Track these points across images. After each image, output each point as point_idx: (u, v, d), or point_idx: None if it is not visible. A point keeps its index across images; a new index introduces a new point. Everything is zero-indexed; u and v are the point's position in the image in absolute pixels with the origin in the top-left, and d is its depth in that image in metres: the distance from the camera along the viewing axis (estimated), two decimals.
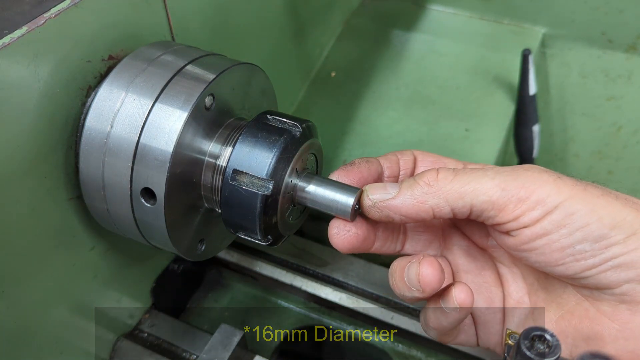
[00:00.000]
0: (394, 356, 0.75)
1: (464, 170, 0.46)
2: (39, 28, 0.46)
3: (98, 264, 0.60)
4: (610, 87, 1.05)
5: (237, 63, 0.53)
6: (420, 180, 0.47)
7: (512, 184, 0.44)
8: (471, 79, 1.03)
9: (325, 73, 1.07)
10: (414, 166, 0.55)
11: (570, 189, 0.43)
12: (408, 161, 0.54)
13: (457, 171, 0.46)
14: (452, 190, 0.45)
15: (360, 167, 0.51)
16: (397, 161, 0.54)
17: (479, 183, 0.45)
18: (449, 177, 0.46)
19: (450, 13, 1.14)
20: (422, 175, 0.47)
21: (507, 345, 0.49)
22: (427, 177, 0.47)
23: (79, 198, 0.54)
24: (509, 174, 0.45)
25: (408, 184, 0.47)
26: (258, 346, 0.76)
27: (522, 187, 0.44)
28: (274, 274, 0.78)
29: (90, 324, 0.63)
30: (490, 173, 0.45)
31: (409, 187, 0.47)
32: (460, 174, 0.46)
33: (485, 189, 0.44)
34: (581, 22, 1.04)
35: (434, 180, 0.46)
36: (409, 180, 0.48)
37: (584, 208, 0.42)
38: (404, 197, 0.47)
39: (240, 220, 0.49)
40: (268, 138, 0.48)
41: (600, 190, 0.44)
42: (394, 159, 0.54)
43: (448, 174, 0.46)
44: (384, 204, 0.47)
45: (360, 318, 0.75)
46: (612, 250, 0.42)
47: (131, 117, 0.49)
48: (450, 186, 0.45)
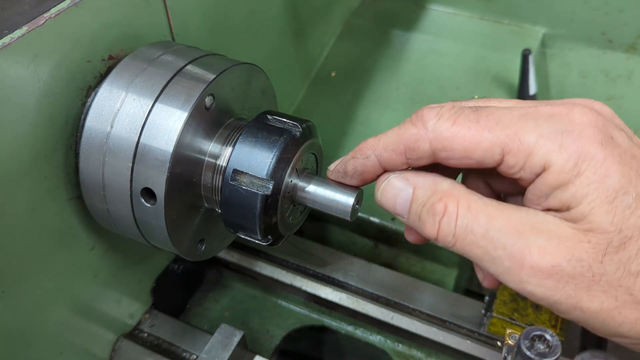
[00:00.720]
0: (394, 356, 0.75)
1: (466, 236, 0.41)
2: (39, 28, 0.46)
3: (98, 264, 0.60)
4: (610, 87, 1.05)
5: (237, 63, 0.53)
6: (423, 230, 0.43)
7: (513, 283, 0.40)
8: (471, 79, 1.03)
9: (325, 73, 1.07)
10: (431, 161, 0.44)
11: (568, 311, 0.40)
12: (422, 160, 0.44)
13: (458, 236, 0.41)
14: (459, 250, 0.42)
15: (351, 180, 0.48)
16: (404, 163, 0.45)
17: (484, 257, 0.40)
18: (448, 244, 0.41)
19: (450, 13, 1.14)
20: (425, 225, 0.42)
21: (507, 345, 0.49)
22: (428, 232, 0.42)
23: (79, 198, 0.54)
24: (506, 272, 0.39)
25: (414, 222, 0.44)
26: (258, 346, 0.76)
27: (518, 290, 0.40)
28: (274, 274, 0.78)
29: (90, 324, 0.63)
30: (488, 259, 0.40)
31: (415, 226, 0.44)
32: (459, 243, 0.41)
33: (489, 266, 0.41)
34: (581, 22, 1.04)
35: (434, 238, 0.42)
36: (414, 218, 0.44)
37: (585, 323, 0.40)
38: (411, 226, 0.45)
39: (240, 220, 0.49)
40: (268, 138, 0.48)
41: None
42: (400, 160, 0.45)
43: (448, 239, 0.41)
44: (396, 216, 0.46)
45: (360, 318, 0.75)
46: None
47: (131, 117, 0.49)
48: (459, 245, 0.41)
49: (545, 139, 0.39)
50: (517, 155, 0.39)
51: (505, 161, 0.40)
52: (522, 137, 0.39)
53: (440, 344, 0.70)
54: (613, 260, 0.37)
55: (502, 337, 0.67)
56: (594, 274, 0.37)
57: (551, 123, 0.39)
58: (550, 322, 0.68)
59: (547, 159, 0.38)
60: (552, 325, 0.68)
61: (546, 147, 0.38)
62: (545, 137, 0.39)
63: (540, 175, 0.39)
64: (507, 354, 0.48)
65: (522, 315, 0.69)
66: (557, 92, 1.09)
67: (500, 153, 0.40)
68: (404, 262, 0.88)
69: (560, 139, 0.38)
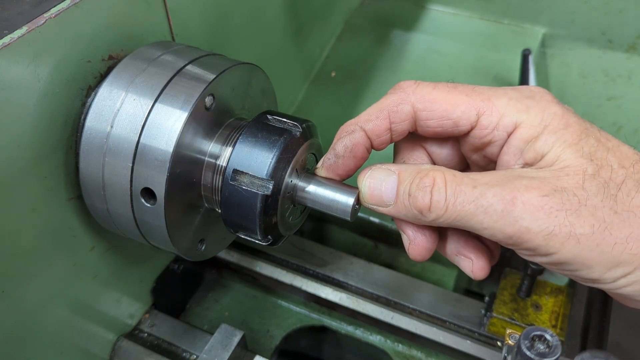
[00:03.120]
0: (394, 356, 0.75)
1: (457, 197, 0.43)
2: (39, 28, 0.46)
3: (98, 264, 0.60)
4: (610, 87, 1.05)
5: (237, 63, 0.53)
6: (413, 205, 0.45)
7: (499, 234, 0.42)
8: (471, 79, 1.03)
9: (326, 73, 1.07)
10: (412, 126, 0.49)
11: (561, 245, 0.41)
12: (404, 124, 0.48)
13: (449, 200, 0.43)
14: (444, 222, 0.44)
15: (345, 160, 0.49)
16: (387, 128, 0.48)
17: (468, 222, 0.43)
18: (440, 212, 0.43)
19: (450, 13, 1.14)
20: (416, 199, 0.44)
21: (507, 345, 0.49)
22: (420, 204, 0.44)
23: (79, 198, 0.54)
24: (499, 219, 0.42)
25: (402, 202, 0.45)
26: (258, 346, 0.76)
27: (510, 239, 0.42)
28: (274, 274, 0.78)
29: (90, 324, 0.63)
30: (481, 212, 0.42)
31: (403, 207, 0.45)
32: (451, 207, 0.43)
33: (475, 229, 0.43)
34: (581, 22, 1.04)
35: (426, 211, 0.44)
36: (404, 196, 0.45)
37: (573, 261, 0.41)
38: (399, 213, 0.46)
39: (240, 220, 0.49)
40: (268, 138, 0.48)
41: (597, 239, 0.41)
42: (385, 125, 0.48)
43: (439, 207, 0.43)
44: (381, 210, 0.47)
45: (360, 318, 0.75)
46: (601, 287, 0.43)
47: (131, 117, 0.49)
48: (441, 220, 0.44)
49: (514, 101, 0.45)
50: (491, 116, 0.45)
51: (480, 122, 0.46)
52: (495, 101, 0.46)
53: (440, 344, 0.70)
54: (592, 184, 0.42)
55: (502, 337, 0.68)
56: (579, 199, 0.41)
57: (517, 92, 0.47)
58: (550, 322, 0.68)
59: (517, 117, 0.45)
60: (552, 325, 0.68)
61: (516, 108, 0.45)
62: (514, 100, 0.45)
63: (512, 133, 0.45)
64: (507, 354, 0.48)
65: (522, 315, 0.69)
66: (557, 92, 1.09)
67: (476, 115, 0.46)
68: (404, 262, 0.89)
69: (526, 102, 0.45)
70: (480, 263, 0.49)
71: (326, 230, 0.92)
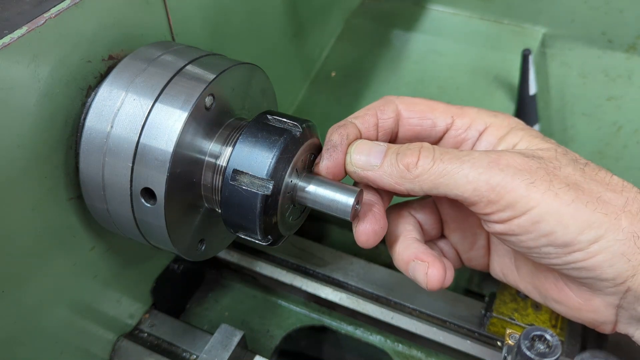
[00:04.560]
0: (394, 356, 0.75)
1: (444, 155, 0.48)
2: (39, 28, 0.46)
3: (98, 264, 0.60)
4: (610, 87, 1.05)
5: (237, 63, 0.53)
6: (401, 161, 0.49)
7: (484, 186, 0.46)
8: (471, 79, 1.03)
9: (325, 73, 1.07)
10: (395, 125, 0.55)
11: (541, 196, 0.45)
12: (389, 120, 0.54)
13: (437, 158, 0.48)
14: (427, 180, 0.48)
15: (342, 148, 0.51)
16: (375, 124, 0.54)
17: (452, 178, 0.47)
18: (427, 166, 0.48)
19: (450, 13, 1.14)
20: (405, 156, 0.49)
21: (507, 345, 0.49)
22: (408, 160, 0.49)
23: (79, 198, 0.54)
24: (485, 171, 0.46)
25: (389, 161, 0.50)
26: (258, 346, 0.76)
27: (493, 191, 0.46)
28: (274, 274, 0.78)
29: (90, 324, 0.63)
30: (467, 166, 0.47)
31: (389, 165, 0.50)
32: (438, 162, 0.48)
33: (458, 185, 0.47)
34: (581, 22, 1.04)
35: (413, 166, 0.48)
36: (392, 156, 0.50)
37: (550, 217, 0.45)
38: (383, 174, 0.50)
39: (240, 220, 0.49)
40: (268, 138, 0.48)
41: (572, 195, 0.45)
42: (373, 121, 0.54)
43: (427, 162, 0.48)
44: (364, 173, 0.50)
45: (360, 318, 0.75)
46: (574, 256, 0.46)
47: (131, 117, 0.49)
48: (426, 176, 0.48)
49: (483, 112, 0.55)
50: (464, 119, 0.54)
51: (455, 123, 0.54)
52: (467, 110, 0.55)
53: (440, 344, 0.70)
54: (564, 158, 0.48)
55: (502, 337, 0.68)
56: (554, 165, 0.47)
57: (485, 109, 0.56)
58: (550, 322, 0.68)
59: (487, 120, 0.54)
60: (552, 325, 0.68)
61: (486, 114, 0.55)
62: (483, 111, 0.55)
63: (483, 132, 0.54)
64: (507, 354, 0.48)
65: (522, 315, 0.69)
66: (557, 92, 1.09)
67: (452, 117, 0.54)
68: None
69: (493, 113, 0.55)
70: (434, 270, 0.51)
71: (326, 230, 0.92)
